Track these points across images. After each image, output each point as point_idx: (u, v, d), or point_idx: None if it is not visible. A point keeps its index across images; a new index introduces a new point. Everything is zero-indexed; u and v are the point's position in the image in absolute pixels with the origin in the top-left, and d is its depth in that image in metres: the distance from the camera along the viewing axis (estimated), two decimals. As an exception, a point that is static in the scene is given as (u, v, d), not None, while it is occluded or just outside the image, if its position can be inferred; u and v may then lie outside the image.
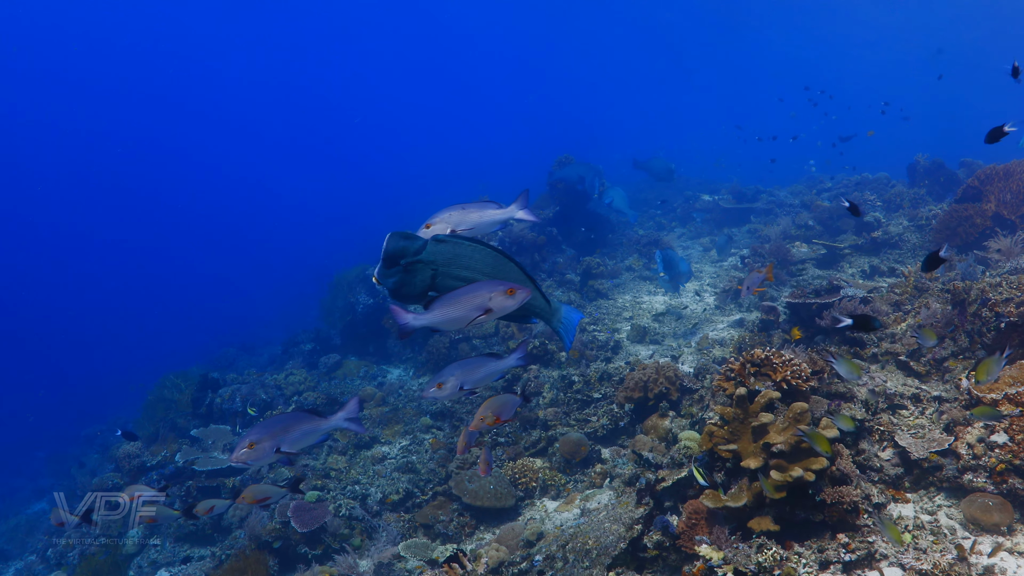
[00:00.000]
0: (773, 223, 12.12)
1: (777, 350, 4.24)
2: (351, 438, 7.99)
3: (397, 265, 2.59)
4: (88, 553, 7.45)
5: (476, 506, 5.85)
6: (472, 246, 2.69)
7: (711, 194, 15.14)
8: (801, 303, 6.38)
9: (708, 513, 3.81)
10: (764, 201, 14.08)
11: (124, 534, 7.83)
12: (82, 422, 15.45)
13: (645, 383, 6.09)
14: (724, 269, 10.53)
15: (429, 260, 2.61)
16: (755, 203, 13.95)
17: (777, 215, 12.90)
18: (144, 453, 8.82)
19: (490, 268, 2.71)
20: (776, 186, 15.51)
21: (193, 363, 12.99)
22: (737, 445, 3.77)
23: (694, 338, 8.10)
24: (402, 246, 2.58)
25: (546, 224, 11.80)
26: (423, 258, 2.60)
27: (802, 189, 14.82)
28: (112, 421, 13.91)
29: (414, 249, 2.59)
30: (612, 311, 9.42)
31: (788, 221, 11.57)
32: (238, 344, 16.29)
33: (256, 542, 6.39)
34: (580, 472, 6.11)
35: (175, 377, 10.39)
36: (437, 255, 2.63)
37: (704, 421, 5.29)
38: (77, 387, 20.46)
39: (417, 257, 2.59)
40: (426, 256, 2.61)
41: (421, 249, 2.59)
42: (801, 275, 9.08)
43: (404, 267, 2.59)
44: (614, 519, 4.37)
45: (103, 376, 20.15)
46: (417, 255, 2.59)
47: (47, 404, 19.70)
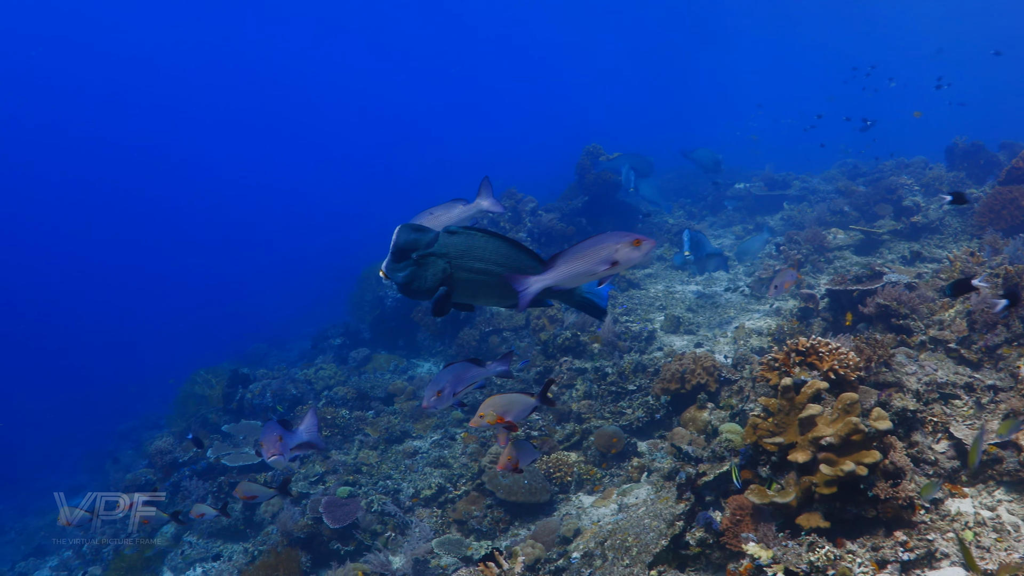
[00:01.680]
0: (807, 210, 11.87)
1: (822, 338, 4.06)
2: (382, 433, 7.91)
3: (408, 258, 2.47)
4: (122, 549, 7.44)
5: (510, 501, 5.73)
6: (485, 236, 2.56)
7: (743, 182, 14.87)
8: (842, 290, 6.19)
9: (753, 509, 3.65)
10: (797, 188, 13.79)
11: (157, 530, 7.82)
12: (116, 418, 15.58)
13: (682, 374, 5.93)
14: (758, 257, 10.31)
15: (442, 252, 2.49)
16: (788, 190, 13.67)
17: (811, 202, 12.64)
18: (176, 449, 8.82)
19: (504, 258, 2.58)
20: (808, 173, 15.18)
21: (224, 359, 13.01)
22: (783, 438, 3.61)
23: (730, 327, 7.92)
24: (413, 238, 2.46)
25: (574, 214, 11.65)
26: (436, 250, 2.48)
27: (836, 175, 14.49)
28: (145, 417, 14.01)
29: (426, 241, 2.47)
30: (645, 301, 9.25)
31: (823, 208, 11.32)
32: (268, 339, 16.35)
33: (288, 538, 6.34)
34: (616, 466, 5.96)
35: (206, 373, 10.39)
36: (450, 247, 2.50)
37: (745, 413, 5.12)
38: (112, 384, 20.64)
39: (429, 250, 2.47)
40: (439, 248, 2.48)
41: (433, 241, 2.47)
42: (838, 261, 8.86)
43: (416, 260, 2.47)
44: (654, 515, 4.23)
45: (137, 373, 20.31)
46: (429, 247, 2.47)
47: (83, 401, 19.89)
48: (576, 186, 12.49)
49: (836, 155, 16.14)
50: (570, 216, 11.50)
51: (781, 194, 13.40)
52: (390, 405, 8.79)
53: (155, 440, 9.31)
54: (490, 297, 2.65)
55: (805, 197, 13.16)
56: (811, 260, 8.91)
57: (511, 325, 9.38)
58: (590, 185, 11.94)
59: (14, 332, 30.09)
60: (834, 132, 14.92)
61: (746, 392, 5.57)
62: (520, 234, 10.90)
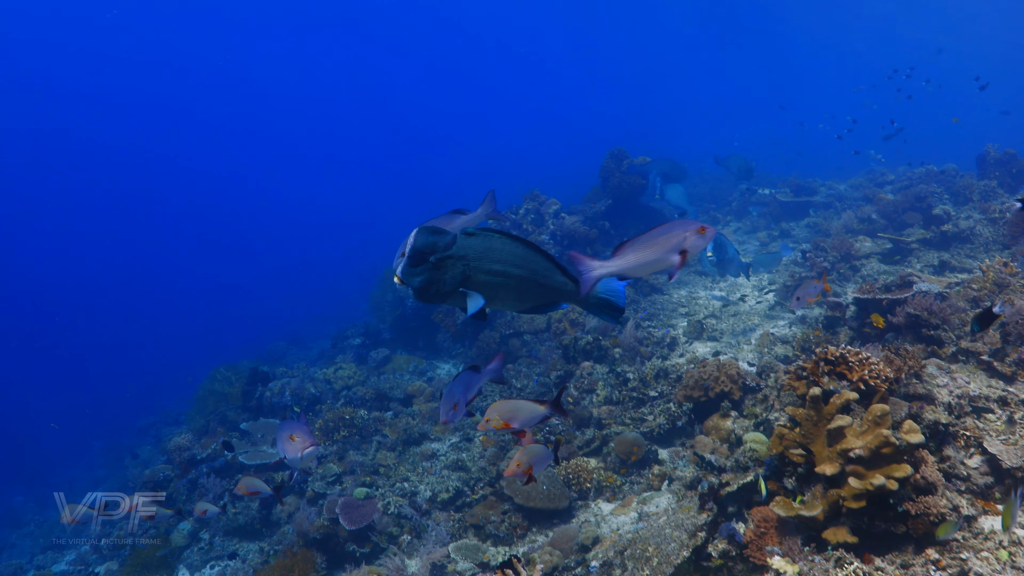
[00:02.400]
0: (834, 217, 11.70)
1: (853, 348, 3.96)
2: (400, 434, 7.87)
3: (425, 262, 2.40)
4: (138, 546, 7.45)
5: (528, 507, 5.66)
6: (503, 238, 2.50)
7: (768, 187, 14.70)
8: (871, 299, 6.07)
9: (778, 521, 3.56)
10: (823, 195, 13.61)
11: (174, 528, 7.82)
12: (137, 413, 15.67)
13: (705, 381, 5.83)
14: (784, 264, 10.17)
15: (461, 255, 2.42)
16: (814, 197, 13.49)
17: (837, 209, 12.47)
18: (195, 446, 8.83)
19: (522, 260, 2.52)
20: (835, 179, 14.98)
21: (244, 357, 13.03)
22: (811, 449, 3.52)
23: (754, 335, 7.80)
24: (431, 241, 2.39)
25: (598, 218, 11.56)
26: (454, 253, 2.41)
27: (863, 182, 14.29)
28: (165, 413, 14.08)
29: (444, 244, 2.40)
30: (667, 307, 9.15)
31: (850, 215, 11.15)
32: (288, 338, 16.37)
33: (304, 538, 6.31)
34: (636, 473, 5.88)
35: (226, 370, 10.40)
36: (469, 249, 2.44)
37: (769, 423, 5.02)
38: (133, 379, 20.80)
39: (448, 252, 2.40)
40: (457, 251, 2.42)
41: (451, 244, 2.41)
42: (865, 269, 8.71)
43: (434, 264, 2.40)
44: (675, 525, 4.15)
45: (158, 368, 20.46)
46: (448, 250, 2.40)
47: (104, 397, 20.05)
48: (600, 189, 12.41)
49: (865, 161, 15.93)
50: (593, 219, 11.41)
51: (807, 200, 13.23)
52: (409, 406, 8.74)
53: (174, 436, 9.33)
54: (506, 300, 2.59)
55: (831, 204, 12.99)
56: (838, 268, 8.77)
57: (532, 328, 9.31)
58: (614, 188, 11.85)
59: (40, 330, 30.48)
60: (864, 138, 14.71)
61: (771, 401, 5.45)
62: (542, 236, 10.83)
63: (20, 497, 13.50)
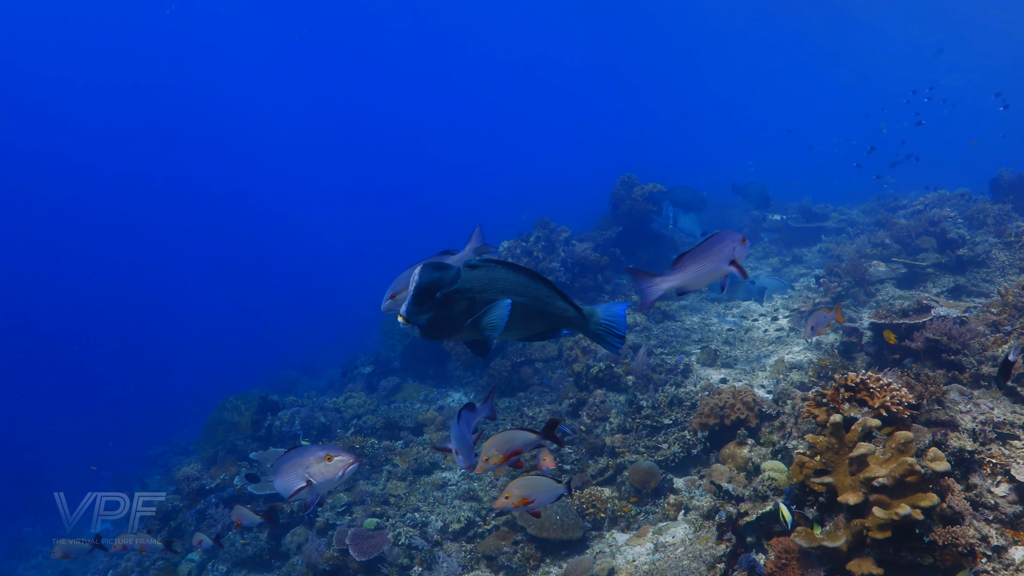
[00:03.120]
0: (846, 242, 11.62)
1: (872, 373, 3.88)
2: (411, 463, 7.77)
3: (432, 299, 2.33)
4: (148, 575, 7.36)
5: (542, 537, 5.55)
6: (505, 268, 2.46)
7: (779, 213, 14.65)
8: (887, 324, 5.98)
9: (800, 552, 3.46)
10: (835, 220, 13.55)
11: (182, 559, 7.74)
12: (147, 443, 15.64)
13: (721, 408, 5.73)
14: (797, 291, 10.09)
15: (466, 288, 2.37)
16: (825, 222, 13.43)
17: (850, 234, 12.40)
18: (203, 476, 8.75)
19: (524, 288, 2.48)
20: (847, 204, 14.93)
21: (254, 385, 12.96)
22: (832, 478, 3.43)
23: (768, 361, 7.71)
24: (437, 277, 2.33)
25: (608, 244, 11.52)
26: (460, 287, 2.36)
27: (875, 207, 14.22)
28: (175, 443, 14.03)
29: (449, 279, 2.35)
30: (680, 333, 9.07)
31: (863, 240, 11.07)
32: (298, 367, 16.34)
33: (313, 570, 6.21)
34: (651, 503, 5.77)
35: (235, 399, 10.33)
36: (474, 282, 2.39)
37: (788, 450, 4.92)
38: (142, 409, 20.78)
39: (453, 287, 2.35)
40: (462, 285, 2.36)
41: (456, 278, 2.36)
42: (880, 294, 8.62)
43: (440, 300, 2.34)
44: (693, 556, 4.05)
45: (168, 398, 20.42)
46: (453, 285, 2.34)
47: (113, 426, 20.03)
48: (610, 216, 12.38)
49: (877, 186, 15.86)
50: (604, 246, 11.37)
51: (819, 226, 13.17)
52: (419, 435, 8.66)
53: (183, 466, 9.25)
54: (510, 330, 2.54)
55: (843, 230, 12.92)
56: (852, 293, 8.68)
57: (543, 356, 9.23)
58: (624, 215, 11.82)
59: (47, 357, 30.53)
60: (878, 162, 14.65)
61: (788, 428, 5.35)
62: (553, 264, 10.78)
63: (29, 528, 13.45)
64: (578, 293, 10.50)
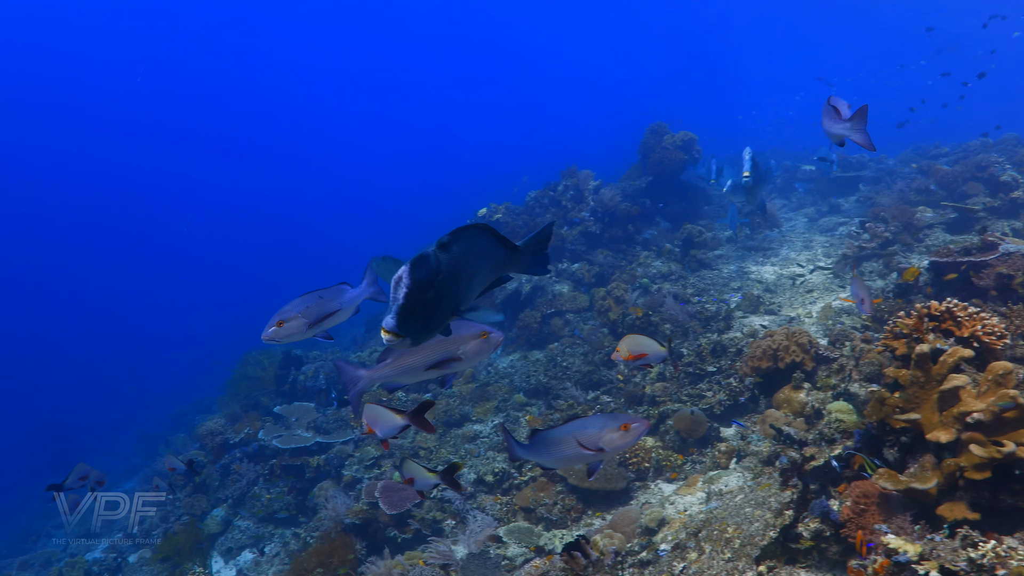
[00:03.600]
0: (886, 191, 11.13)
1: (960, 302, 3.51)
2: (440, 416, 7.51)
3: (424, 299, 1.96)
4: (171, 531, 7.19)
5: (583, 488, 5.27)
6: (474, 234, 2.11)
7: (811, 164, 14.15)
8: (949, 262, 5.58)
9: (881, 497, 3.13)
10: (872, 169, 13.04)
11: (207, 514, 7.57)
12: (170, 403, 15.58)
13: (775, 351, 5.38)
14: (838, 237, 9.67)
15: (451, 272, 2.03)
16: (863, 171, 12.93)
17: (888, 183, 11.89)
18: (227, 431, 8.55)
19: (486, 251, 2.19)
20: (884, 154, 14.38)
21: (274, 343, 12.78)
22: (918, 414, 3.09)
23: (814, 307, 7.33)
24: (429, 272, 1.98)
25: (638, 194, 11.10)
26: (444, 272, 2.01)
27: (912, 156, 13.69)
28: (197, 402, 13.92)
29: (435, 267, 1.99)
30: (718, 281, 8.69)
31: (904, 187, 10.62)
32: (320, 326, 16.13)
33: (341, 524, 5.98)
34: (698, 452, 5.46)
35: (258, 355, 10.13)
36: (453, 262, 2.04)
37: (849, 393, 4.57)
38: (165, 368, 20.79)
39: (440, 276, 1.99)
40: (447, 270, 2.01)
41: (440, 265, 2.00)
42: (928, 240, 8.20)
43: (432, 297, 1.97)
44: (756, 503, 3.73)
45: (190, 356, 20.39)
46: (439, 273, 1.99)
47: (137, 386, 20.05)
48: (639, 166, 11.93)
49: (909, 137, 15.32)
50: (633, 196, 10.96)
51: (856, 175, 12.67)
52: (447, 388, 8.38)
53: (206, 422, 9.06)
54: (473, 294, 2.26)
55: (882, 179, 12.41)
56: (899, 239, 8.25)
57: (575, 307, 8.91)
58: (654, 165, 11.37)
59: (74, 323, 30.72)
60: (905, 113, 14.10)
61: (848, 371, 5.00)
62: (583, 213, 10.40)
63: (55, 488, 13.41)
64: (608, 244, 10.13)
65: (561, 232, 10.19)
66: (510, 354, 8.95)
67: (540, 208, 10.84)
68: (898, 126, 13.49)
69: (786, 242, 10.02)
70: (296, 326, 3.06)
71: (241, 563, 6.89)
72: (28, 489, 13.23)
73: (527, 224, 10.31)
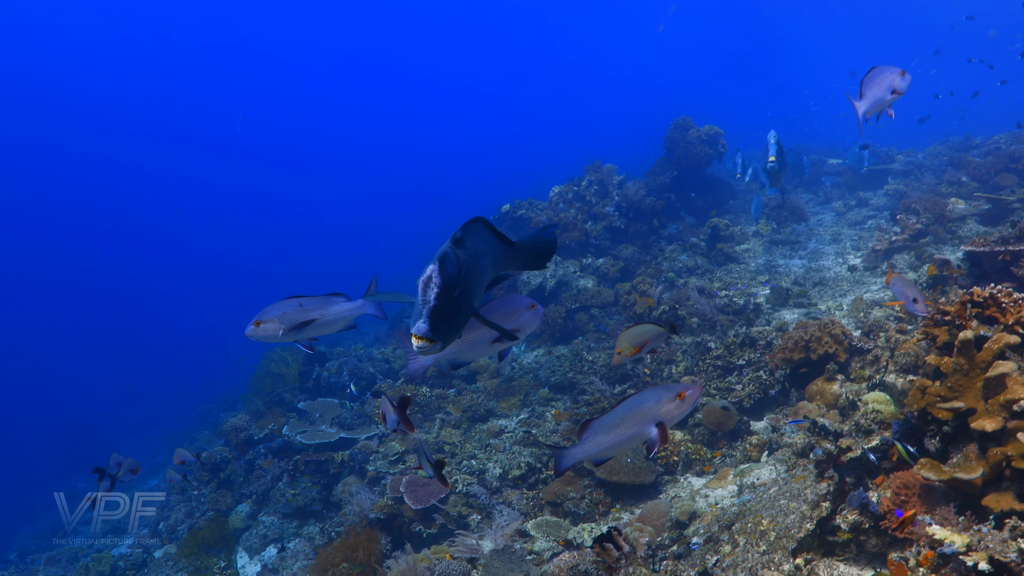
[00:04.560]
0: (917, 183, 10.94)
1: (1004, 287, 3.40)
2: (465, 411, 7.45)
3: (453, 299, 1.92)
4: (196, 527, 7.18)
5: (611, 482, 5.19)
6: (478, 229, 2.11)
7: (838, 158, 13.96)
8: (986, 252, 5.44)
9: (922, 488, 3.02)
10: (901, 163, 12.84)
11: (231, 510, 7.56)
12: (195, 401, 15.66)
13: (807, 342, 5.27)
14: (867, 231, 9.51)
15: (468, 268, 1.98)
16: (891, 164, 12.73)
17: (918, 176, 11.68)
18: (252, 427, 8.54)
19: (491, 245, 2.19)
20: (912, 148, 14.16)
21: (299, 343, 12.79)
22: (962, 402, 2.98)
23: (844, 300, 7.20)
24: (454, 267, 1.92)
25: (663, 189, 10.99)
26: (464, 269, 1.95)
27: (942, 150, 13.45)
28: (222, 400, 13.96)
29: (457, 264, 1.94)
30: (745, 275, 8.57)
31: (934, 180, 10.44)
32: (343, 324, 16.13)
33: (366, 519, 5.93)
34: (728, 445, 5.36)
35: (282, 351, 10.11)
36: (468, 258, 1.99)
37: (884, 384, 4.46)
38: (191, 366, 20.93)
39: (462, 272, 1.94)
40: (464, 265, 1.96)
41: (460, 262, 1.95)
42: (961, 231, 8.03)
43: (458, 296, 1.91)
44: (791, 495, 3.63)
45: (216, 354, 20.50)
46: (461, 270, 1.93)
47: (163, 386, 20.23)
48: (664, 161, 11.81)
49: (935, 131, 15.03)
50: (658, 191, 10.84)
51: (885, 168, 12.46)
52: (472, 383, 8.32)
53: (230, 418, 9.06)
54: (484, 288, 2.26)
55: (911, 172, 12.20)
56: (931, 230, 8.09)
57: (599, 302, 8.82)
58: (680, 159, 11.25)
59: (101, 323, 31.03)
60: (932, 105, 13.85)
61: (883, 362, 4.88)
62: (607, 208, 10.30)
63: (83, 484, 13.54)
64: (633, 239, 10.02)
65: (586, 227, 10.09)
66: (534, 349, 8.88)
67: (564, 203, 10.74)
68: (920, 121, 13.20)
69: (814, 235, 9.87)
70: (271, 328, 3.20)
71: (266, 558, 6.87)
72: (55, 487, 13.33)
73: (550, 220, 10.22)
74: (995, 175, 9.81)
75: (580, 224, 10.12)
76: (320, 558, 5.65)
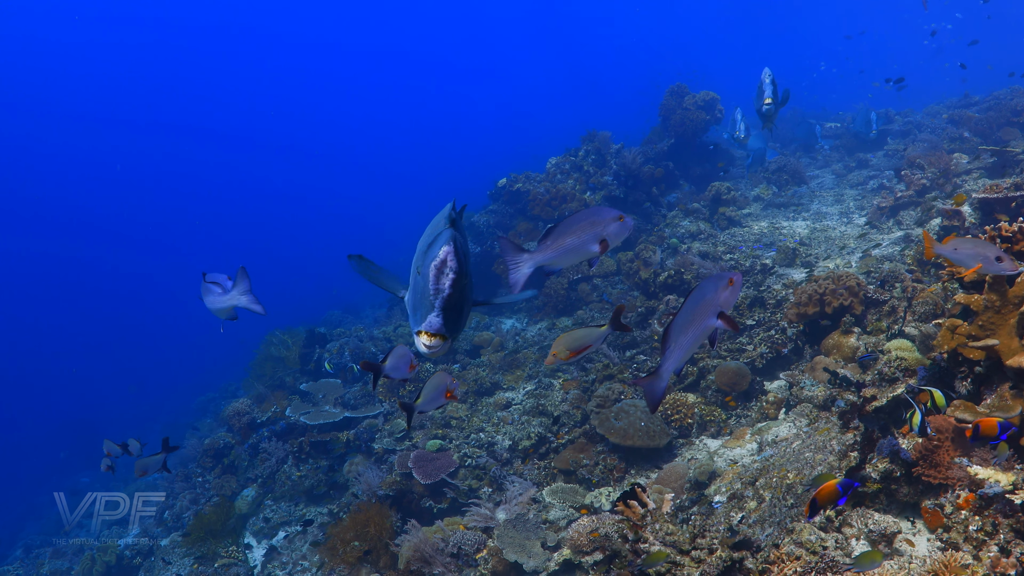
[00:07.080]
0: (916, 142, 10.79)
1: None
2: (470, 385, 7.32)
3: (464, 285, 1.90)
4: (202, 512, 7.07)
5: (625, 446, 5.07)
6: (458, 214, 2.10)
7: (834, 121, 13.82)
8: (999, 198, 5.32)
9: (956, 432, 2.91)
10: (900, 123, 12.71)
11: (237, 495, 7.45)
12: (195, 392, 15.53)
13: (821, 296, 5.13)
14: (869, 191, 9.38)
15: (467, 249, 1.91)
16: (890, 125, 12.58)
17: (916, 136, 11.53)
18: (254, 410, 8.41)
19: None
20: (910, 108, 14.01)
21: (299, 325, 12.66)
22: (996, 339, 2.86)
23: (853, 257, 7.07)
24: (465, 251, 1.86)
25: (660, 157, 10.82)
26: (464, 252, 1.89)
27: (940, 109, 13.31)
28: (223, 388, 13.83)
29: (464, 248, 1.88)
30: (749, 238, 8.42)
31: (935, 138, 10.30)
32: (343, 307, 15.98)
33: (374, 497, 5.82)
34: (742, 406, 5.24)
35: (282, 334, 9.96)
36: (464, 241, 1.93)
37: (904, 335, 4.33)
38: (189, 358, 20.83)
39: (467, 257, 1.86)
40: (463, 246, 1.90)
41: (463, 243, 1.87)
42: (967, 185, 7.89)
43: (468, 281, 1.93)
44: (816, 447, 3.52)
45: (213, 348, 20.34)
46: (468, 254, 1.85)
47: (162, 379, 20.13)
48: (660, 129, 11.65)
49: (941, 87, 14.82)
50: (656, 159, 10.67)
51: (884, 128, 12.30)
52: (476, 357, 8.19)
53: (232, 403, 8.93)
54: None
55: (910, 132, 12.07)
56: (937, 185, 7.96)
57: (601, 271, 8.69)
58: (676, 126, 11.07)
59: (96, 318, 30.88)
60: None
61: (900, 313, 4.75)
62: (605, 177, 10.14)
63: (86, 479, 13.45)
64: (632, 208, 9.83)
65: (584, 197, 9.94)
66: (537, 323, 8.75)
67: (561, 174, 10.58)
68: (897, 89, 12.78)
69: (816, 197, 9.74)
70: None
71: (274, 540, 6.76)
72: (58, 484, 13.24)
73: (548, 191, 10.06)
74: (998, 129, 9.69)
75: (579, 195, 9.97)
76: (331, 534, 5.56)
